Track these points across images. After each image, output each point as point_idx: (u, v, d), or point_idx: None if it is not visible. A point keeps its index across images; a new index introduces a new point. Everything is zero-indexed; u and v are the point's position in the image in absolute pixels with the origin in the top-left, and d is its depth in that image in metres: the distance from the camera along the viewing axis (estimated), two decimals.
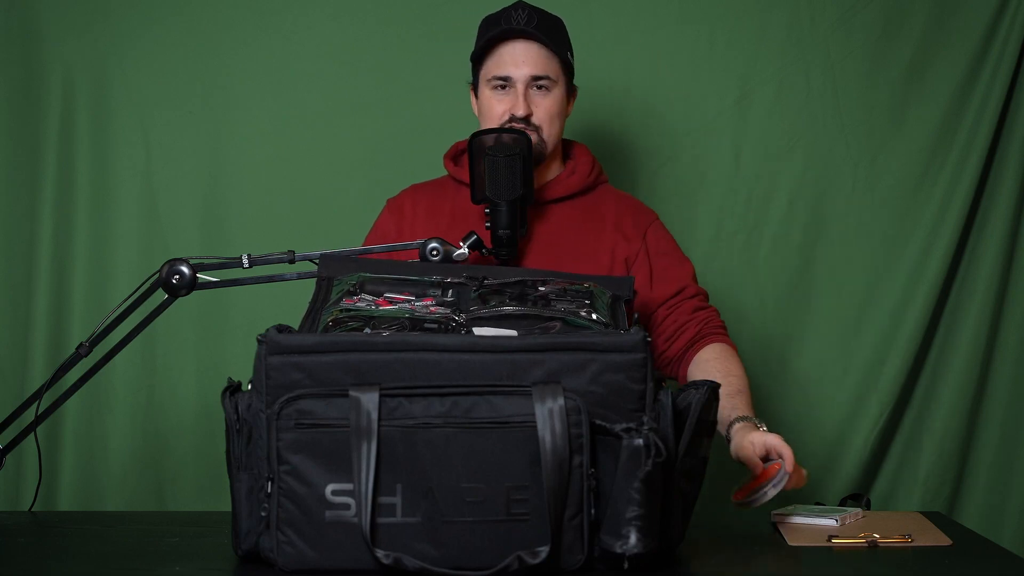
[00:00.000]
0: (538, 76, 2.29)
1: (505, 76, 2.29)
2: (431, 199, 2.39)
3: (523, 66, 2.28)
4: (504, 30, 2.28)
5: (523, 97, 2.28)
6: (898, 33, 2.93)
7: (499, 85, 2.30)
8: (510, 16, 2.30)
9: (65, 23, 2.87)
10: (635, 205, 2.43)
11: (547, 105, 2.30)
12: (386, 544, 1.64)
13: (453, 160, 2.41)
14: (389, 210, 2.41)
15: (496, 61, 2.30)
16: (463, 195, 2.35)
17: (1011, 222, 2.92)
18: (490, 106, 2.31)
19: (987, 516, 2.94)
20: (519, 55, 2.29)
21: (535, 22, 2.29)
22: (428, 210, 2.37)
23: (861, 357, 2.95)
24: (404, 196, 2.42)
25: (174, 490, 2.90)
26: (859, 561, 1.79)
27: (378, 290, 1.90)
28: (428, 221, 2.35)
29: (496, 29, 2.29)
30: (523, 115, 2.28)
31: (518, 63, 2.28)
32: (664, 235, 2.40)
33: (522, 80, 2.29)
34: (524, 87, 2.29)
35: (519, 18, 2.29)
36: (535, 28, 2.28)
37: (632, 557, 1.62)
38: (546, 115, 2.30)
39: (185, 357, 2.90)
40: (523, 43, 2.29)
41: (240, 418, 1.72)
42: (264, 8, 2.91)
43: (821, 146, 2.94)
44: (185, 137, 2.91)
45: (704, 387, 1.76)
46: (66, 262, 2.88)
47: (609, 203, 2.39)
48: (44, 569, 1.80)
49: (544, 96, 2.30)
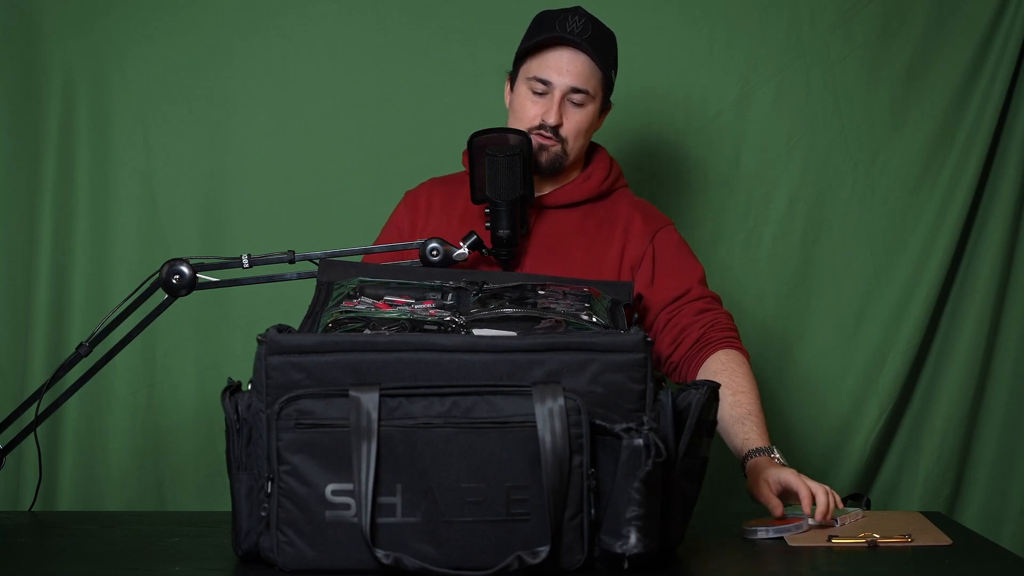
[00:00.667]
0: (578, 88, 2.26)
1: (546, 80, 2.26)
2: (446, 194, 2.37)
3: (566, 75, 2.26)
4: (558, 36, 2.25)
5: (558, 105, 2.26)
6: (898, 33, 2.93)
7: (537, 87, 2.27)
8: (566, 21, 2.27)
9: (65, 23, 2.87)
10: (648, 211, 2.38)
11: (579, 119, 2.28)
12: (386, 544, 1.64)
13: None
14: (405, 204, 2.40)
15: (540, 63, 2.27)
16: None
17: (1011, 222, 2.92)
18: (523, 106, 2.29)
19: (987, 516, 2.94)
20: (565, 63, 2.26)
21: (589, 33, 2.26)
22: (442, 205, 2.35)
23: (861, 357, 2.95)
24: (421, 190, 2.41)
25: (174, 490, 2.90)
26: (859, 561, 1.79)
27: (378, 293, 1.90)
28: (441, 216, 2.34)
29: (549, 33, 2.26)
30: (554, 124, 2.26)
31: (562, 71, 2.26)
32: (675, 240, 2.35)
33: (561, 88, 2.26)
34: (561, 95, 2.26)
35: (575, 25, 2.26)
36: (588, 40, 2.25)
37: (632, 557, 1.62)
38: (575, 129, 2.28)
39: (185, 357, 2.90)
40: (571, 52, 2.26)
41: (240, 418, 1.72)
42: (264, 8, 2.91)
43: (821, 146, 2.94)
44: (185, 137, 2.91)
45: (704, 387, 1.76)
46: (66, 262, 2.88)
47: (622, 208, 2.36)
48: (44, 569, 1.80)
49: (578, 110, 2.28)
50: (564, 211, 2.33)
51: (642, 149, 2.94)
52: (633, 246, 2.31)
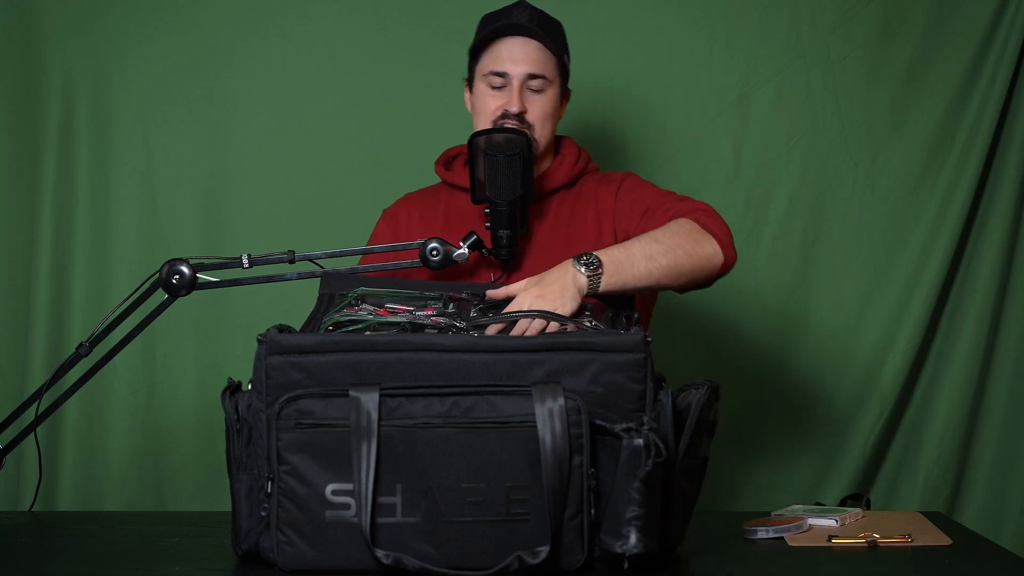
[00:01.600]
0: (535, 74, 2.27)
1: (502, 72, 2.27)
2: (424, 206, 2.38)
3: (521, 63, 2.27)
4: (504, 25, 2.27)
5: (518, 93, 2.27)
6: (898, 33, 2.93)
7: (495, 82, 2.29)
8: (511, 13, 2.29)
9: (65, 23, 2.87)
10: (609, 176, 2.38)
11: (542, 104, 2.29)
12: (386, 544, 1.64)
13: (444, 166, 2.41)
14: (385, 220, 2.40)
15: (494, 56, 2.29)
16: (456, 199, 2.35)
17: (1011, 222, 2.92)
18: (484, 102, 2.29)
19: (987, 516, 2.95)
20: (517, 52, 2.27)
21: (536, 21, 2.28)
22: (422, 216, 2.36)
23: (861, 357, 2.95)
24: (399, 205, 2.42)
25: (174, 490, 2.90)
26: (859, 561, 1.79)
27: (379, 302, 1.90)
28: (423, 226, 2.34)
29: (496, 24, 2.28)
30: (517, 111, 2.26)
31: (516, 60, 2.27)
32: (638, 183, 2.33)
33: (519, 77, 2.27)
34: (520, 84, 2.27)
35: (520, 15, 2.28)
36: (536, 26, 2.27)
37: (632, 557, 1.62)
38: (540, 114, 2.29)
39: (185, 357, 2.90)
40: (522, 40, 2.27)
41: (240, 418, 1.72)
42: (264, 8, 2.91)
43: (821, 146, 2.94)
44: (185, 137, 2.91)
45: (704, 387, 1.76)
46: (66, 262, 2.88)
47: (590, 185, 2.36)
48: (44, 569, 1.80)
49: (539, 96, 2.29)
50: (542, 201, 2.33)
51: (642, 149, 2.94)
52: (606, 216, 2.31)
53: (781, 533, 1.89)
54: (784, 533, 1.89)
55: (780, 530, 1.89)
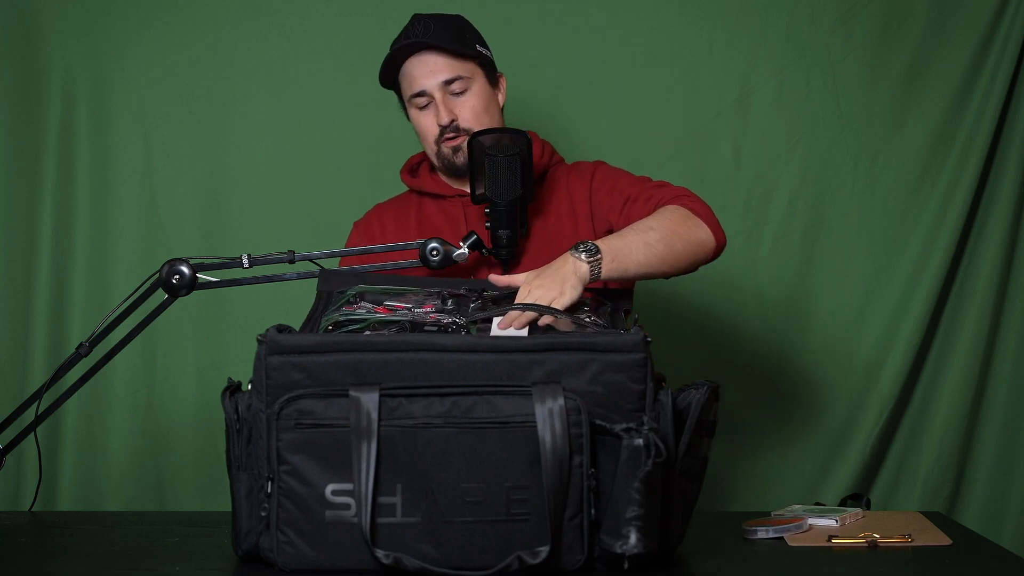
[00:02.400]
0: (450, 79, 2.27)
1: (419, 91, 2.27)
2: (396, 214, 2.38)
3: (431, 76, 2.26)
4: (403, 46, 2.27)
5: (443, 105, 2.26)
6: (898, 33, 2.93)
7: (420, 103, 2.28)
8: (408, 32, 2.28)
9: (65, 23, 2.87)
10: (579, 166, 2.37)
11: (471, 103, 2.28)
12: (386, 544, 1.64)
13: (410, 173, 2.41)
14: (358, 231, 2.40)
15: (407, 79, 2.29)
16: (425, 205, 2.35)
17: (1011, 222, 2.92)
18: (419, 124, 2.30)
19: (987, 516, 2.95)
20: (426, 66, 2.26)
21: (431, 30, 2.26)
22: (396, 223, 2.36)
23: (861, 357, 2.95)
24: (371, 216, 2.41)
25: (174, 490, 2.90)
26: (859, 561, 1.79)
27: (378, 299, 1.90)
28: (398, 233, 2.34)
29: (395, 47, 2.28)
30: (447, 122, 2.26)
31: (425, 74, 2.26)
32: (610, 171, 2.33)
33: (436, 89, 2.26)
34: (441, 95, 2.27)
35: (415, 31, 2.26)
36: (432, 37, 2.25)
37: (632, 557, 1.62)
38: (471, 113, 2.28)
39: (185, 357, 2.90)
40: (422, 54, 2.27)
41: (240, 418, 1.72)
42: (264, 8, 2.91)
43: (821, 146, 2.94)
44: (185, 137, 2.91)
45: (704, 387, 1.76)
46: (66, 262, 2.88)
47: (560, 176, 2.35)
48: (44, 569, 1.80)
49: (464, 96, 2.28)
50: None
51: (642, 149, 2.94)
52: (581, 205, 2.30)
53: (781, 533, 1.89)
54: (784, 533, 1.89)
55: (780, 530, 1.89)
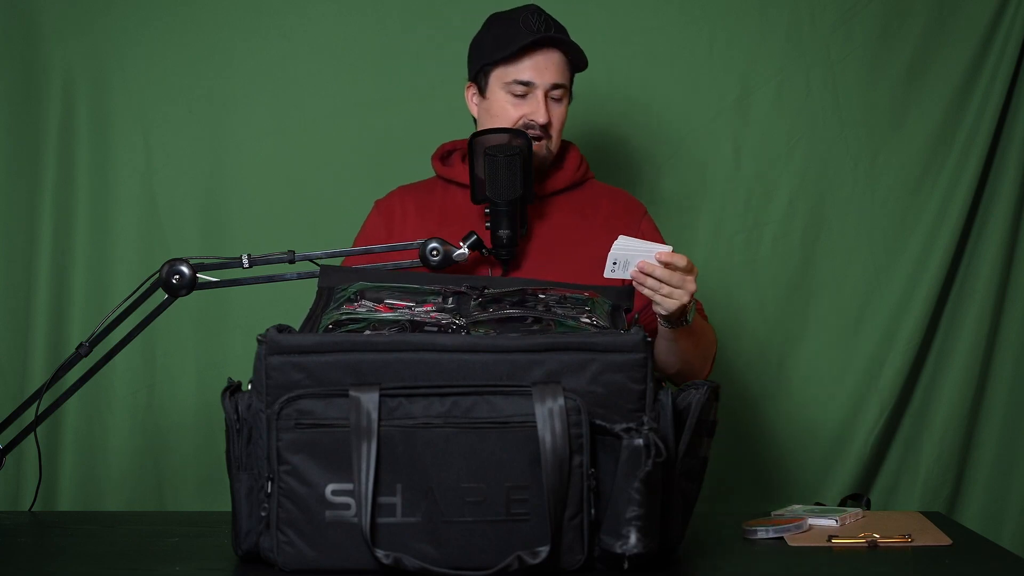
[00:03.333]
0: (558, 84, 2.28)
1: (527, 81, 2.27)
2: (419, 199, 2.37)
3: (547, 74, 2.27)
4: (544, 37, 2.25)
5: (544, 105, 2.27)
6: (898, 33, 2.93)
7: (518, 90, 2.28)
8: (529, 21, 2.27)
9: (65, 23, 2.87)
10: (626, 198, 2.41)
11: (560, 114, 2.30)
12: (386, 544, 1.64)
13: (441, 160, 2.40)
14: (378, 211, 2.39)
15: (521, 66, 2.27)
16: (452, 194, 2.34)
17: (1011, 222, 2.92)
18: (504, 109, 2.28)
19: (987, 516, 2.95)
20: (548, 62, 2.27)
21: (553, 30, 2.27)
22: (417, 209, 2.36)
23: (861, 357, 2.95)
24: (392, 197, 2.41)
25: (174, 490, 2.90)
26: (859, 561, 1.79)
27: (378, 297, 1.90)
28: (418, 220, 2.34)
29: (527, 36, 2.25)
30: (545, 122, 2.26)
31: (541, 70, 2.26)
32: (654, 228, 2.39)
33: (543, 88, 2.27)
34: (545, 94, 2.27)
35: (539, 24, 2.26)
36: (555, 33, 2.26)
37: (632, 557, 1.62)
38: (559, 124, 2.30)
39: (185, 357, 2.90)
40: (554, 52, 2.27)
41: (240, 418, 1.72)
42: (264, 8, 2.91)
43: (821, 146, 2.94)
44: (185, 137, 2.91)
45: (704, 387, 1.76)
46: (66, 262, 2.88)
47: (600, 197, 2.37)
48: (44, 569, 1.80)
49: (559, 105, 2.29)
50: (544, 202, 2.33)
51: (642, 149, 2.94)
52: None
53: (781, 533, 1.89)
54: (784, 533, 1.89)
55: (780, 530, 1.89)
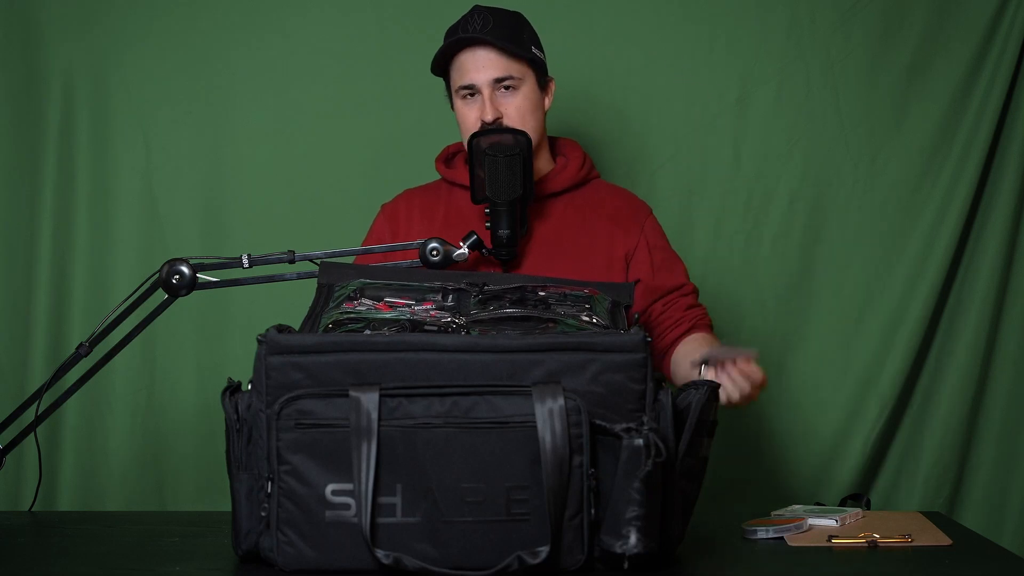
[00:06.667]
0: (501, 78, 2.27)
1: (469, 84, 2.28)
2: (425, 202, 2.38)
3: (483, 71, 2.27)
4: (459, 39, 2.28)
5: (489, 102, 2.27)
6: (898, 33, 2.93)
7: (467, 94, 2.29)
8: (466, 24, 2.29)
9: (65, 24, 2.87)
10: (629, 198, 2.42)
11: (517, 103, 2.29)
12: (386, 544, 1.64)
13: (445, 163, 2.41)
14: (384, 215, 2.41)
15: (458, 71, 2.30)
16: (456, 196, 2.35)
17: (1011, 222, 2.92)
18: (462, 115, 2.31)
19: (987, 516, 2.94)
20: (478, 61, 2.27)
21: (490, 25, 2.27)
22: (422, 213, 2.37)
23: (861, 357, 2.95)
24: (398, 200, 2.42)
25: (174, 490, 2.90)
26: (859, 561, 1.79)
27: (378, 295, 1.90)
28: (423, 224, 2.35)
29: (452, 38, 2.29)
30: (491, 119, 2.27)
31: (478, 68, 2.27)
32: (659, 228, 2.40)
33: (486, 85, 2.27)
34: (489, 91, 2.27)
35: (474, 25, 2.27)
36: (490, 33, 2.26)
37: (632, 557, 1.62)
38: (517, 114, 2.29)
39: (185, 357, 2.90)
40: (478, 49, 2.27)
41: (240, 418, 1.72)
42: (264, 8, 2.91)
43: (821, 146, 2.94)
44: (185, 137, 2.91)
45: (704, 387, 1.76)
46: (66, 262, 2.88)
47: (604, 196, 2.38)
48: (44, 569, 1.80)
49: (512, 96, 2.29)
50: (546, 202, 2.34)
51: (642, 149, 2.94)
52: (623, 235, 2.34)
53: (781, 533, 1.89)
54: (784, 533, 1.89)
55: (780, 530, 1.89)
